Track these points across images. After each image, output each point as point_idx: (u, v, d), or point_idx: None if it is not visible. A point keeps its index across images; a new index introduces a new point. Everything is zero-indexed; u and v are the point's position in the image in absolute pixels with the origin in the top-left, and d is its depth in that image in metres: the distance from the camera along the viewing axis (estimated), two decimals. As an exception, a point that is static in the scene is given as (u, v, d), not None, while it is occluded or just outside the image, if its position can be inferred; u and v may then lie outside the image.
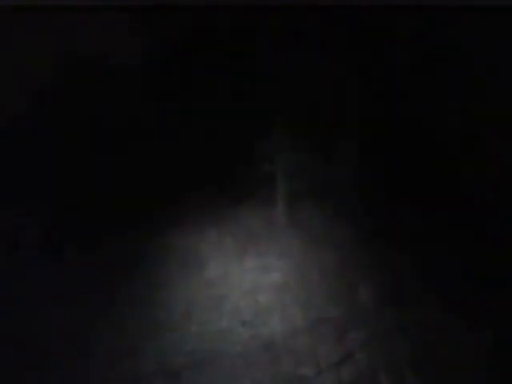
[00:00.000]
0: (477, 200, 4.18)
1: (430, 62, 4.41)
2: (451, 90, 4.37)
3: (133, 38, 4.80)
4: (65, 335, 3.00)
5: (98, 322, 3.11)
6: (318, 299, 3.36)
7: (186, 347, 2.96)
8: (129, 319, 3.14)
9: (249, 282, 3.57)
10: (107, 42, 4.65)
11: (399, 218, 4.27)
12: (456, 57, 4.29)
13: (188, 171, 4.50)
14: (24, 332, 3.04)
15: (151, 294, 3.40)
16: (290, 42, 4.40)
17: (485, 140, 4.23)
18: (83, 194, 4.30)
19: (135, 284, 3.46)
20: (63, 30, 4.56)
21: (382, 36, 4.44)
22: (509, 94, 4.08)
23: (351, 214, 4.28)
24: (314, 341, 2.95)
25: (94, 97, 4.73)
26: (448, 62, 4.32)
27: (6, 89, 4.54)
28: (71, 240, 3.99)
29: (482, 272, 3.54)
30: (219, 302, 3.36)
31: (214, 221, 4.22)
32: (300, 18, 4.22)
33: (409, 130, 4.57)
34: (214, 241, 4.03)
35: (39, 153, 4.45)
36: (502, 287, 3.32)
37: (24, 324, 3.12)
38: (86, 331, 3.03)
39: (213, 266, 3.77)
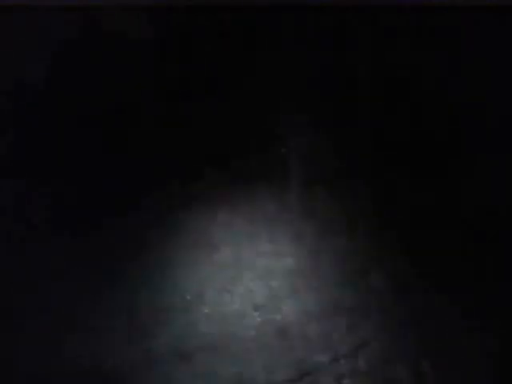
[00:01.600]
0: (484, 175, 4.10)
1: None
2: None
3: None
4: (76, 317, 3.00)
5: (110, 305, 3.10)
6: (331, 285, 3.33)
7: (198, 329, 2.96)
8: (141, 302, 3.13)
9: (261, 266, 3.54)
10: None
11: (414, 204, 4.21)
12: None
13: (200, 152, 4.44)
14: (33, 313, 3.05)
15: (163, 275, 3.38)
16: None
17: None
18: (91, 171, 4.26)
19: (147, 266, 3.44)
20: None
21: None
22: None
23: (364, 200, 4.23)
24: (327, 327, 2.94)
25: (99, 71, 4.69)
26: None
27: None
28: (81, 217, 3.97)
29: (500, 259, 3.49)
30: (232, 284, 3.35)
31: (227, 204, 4.18)
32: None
33: (425, 110, 4.49)
34: (227, 223, 4.00)
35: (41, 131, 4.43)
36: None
37: (35, 305, 3.12)
38: (98, 314, 3.03)
39: (225, 248, 3.74)
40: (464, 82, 4.16)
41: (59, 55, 4.71)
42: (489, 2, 3.83)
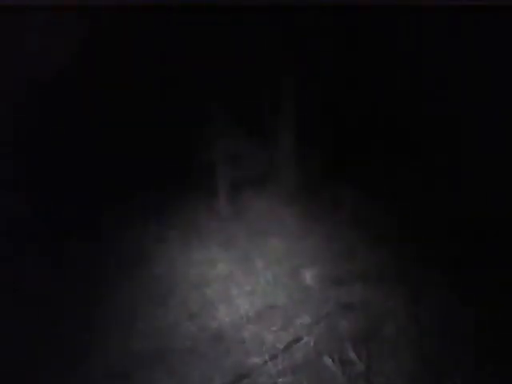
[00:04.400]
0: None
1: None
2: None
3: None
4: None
5: (44, 330, 3.01)
6: (264, 287, 3.40)
7: (134, 346, 2.92)
8: (75, 322, 3.05)
9: (195, 275, 3.56)
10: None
11: (341, 197, 4.35)
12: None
13: (127, 166, 4.38)
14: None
15: (97, 294, 3.32)
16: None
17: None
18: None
19: (79, 285, 3.37)
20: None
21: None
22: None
23: (292, 198, 4.34)
24: (261, 329, 2.99)
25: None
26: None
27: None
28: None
29: (425, 249, 3.68)
30: (166, 297, 3.34)
31: (157, 215, 4.16)
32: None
33: (350, 113, 4.61)
34: (158, 236, 3.99)
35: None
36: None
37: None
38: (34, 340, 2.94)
39: (158, 261, 3.73)
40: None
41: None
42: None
